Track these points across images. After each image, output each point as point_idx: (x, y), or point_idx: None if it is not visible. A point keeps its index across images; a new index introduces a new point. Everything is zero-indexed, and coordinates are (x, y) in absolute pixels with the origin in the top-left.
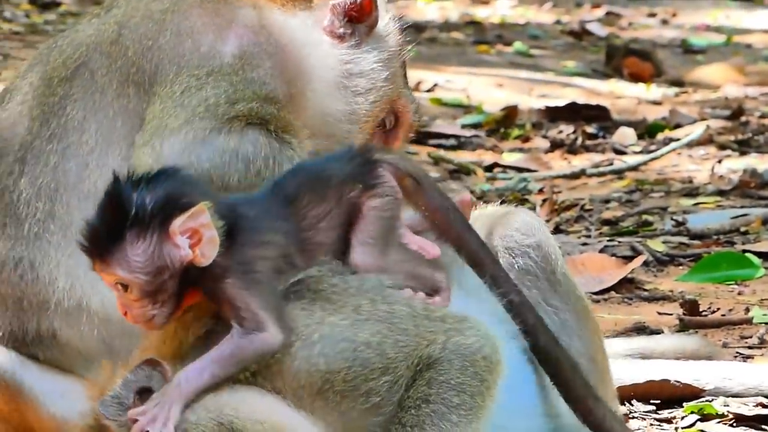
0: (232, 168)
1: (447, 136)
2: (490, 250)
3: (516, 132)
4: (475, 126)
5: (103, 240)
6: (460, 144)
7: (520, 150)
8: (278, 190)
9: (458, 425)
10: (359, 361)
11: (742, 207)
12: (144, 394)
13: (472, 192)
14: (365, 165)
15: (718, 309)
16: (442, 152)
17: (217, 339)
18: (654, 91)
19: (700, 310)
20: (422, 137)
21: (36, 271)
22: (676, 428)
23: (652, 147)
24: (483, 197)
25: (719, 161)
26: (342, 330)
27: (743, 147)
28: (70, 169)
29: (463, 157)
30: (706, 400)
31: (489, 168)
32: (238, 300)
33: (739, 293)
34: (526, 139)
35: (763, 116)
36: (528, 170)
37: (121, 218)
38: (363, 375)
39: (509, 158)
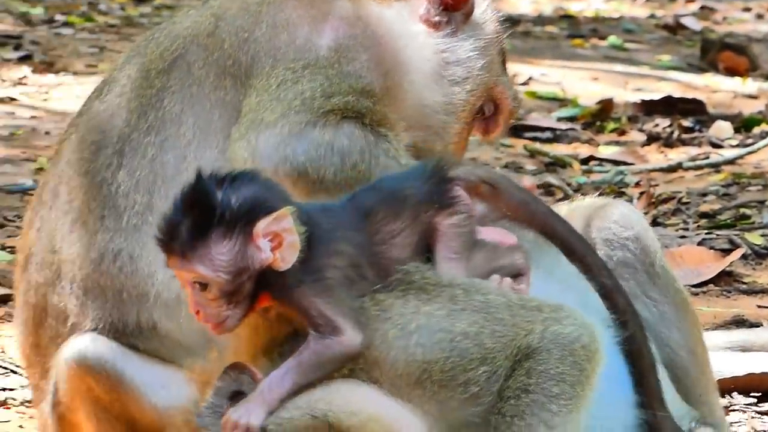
0: (328, 161)
1: (542, 129)
2: (579, 234)
3: (612, 125)
4: (571, 119)
5: (187, 236)
6: (556, 137)
7: (616, 143)
8: (356, 203)
9: (558, 415)
10: (457, 351)
11: None
12: (237, 397)
13: (568, 185)
14: (440, 184)
15: None
16: (537, 145)
17: (303, 339)
18: (750, 85)
19: None
20: (518, 130)
21: (135, 264)
22: None
23: (749, 141)
24: (579, 190)
25: None
26: (438, 320)
27: None
28: (168, 162)
29: (559, 150)
30: None
31: (585, 161)
32: (311, 307)
33: None
34: (622, 133)
35: None
36: (624, 163)
37: (207, 216)
38: (461, 365)
39: (605, 151)
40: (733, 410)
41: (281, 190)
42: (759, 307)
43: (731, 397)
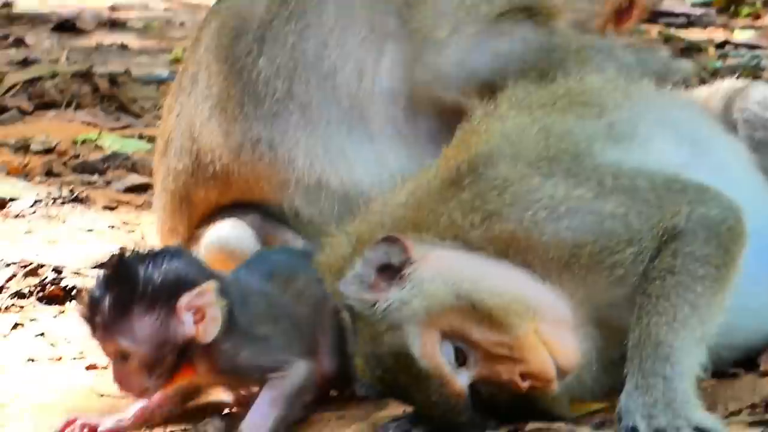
0: (510, 69)
1: (677, 15)
2: None
3: (746, 10)
4: (706, 4)
5: (109, 311)
6: (691, 22)
7: (751, 27)
8: (256, 269)
9: (703, 296)
10: (605, 233)
11: None
12: (384, 271)
13: (703, 69)
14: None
15: None
16: (672, 30)
17: None
18: None
19: None
20: (653, 16)
21: (275, 151)
22: None
23: None
24: (715, 74)
25: None
26: (588, 203)
27: None
28: (309, 49)
29: (694, 35)
30: None
31: (720, 45)
32: (249, 366)
33: None
34: (757, 17)
35: None
36: (759, 47)
37: (130, 291)
38: (609, 248)
39: (740, 36)
40: None
41: (204, 265)
42: None
43: None
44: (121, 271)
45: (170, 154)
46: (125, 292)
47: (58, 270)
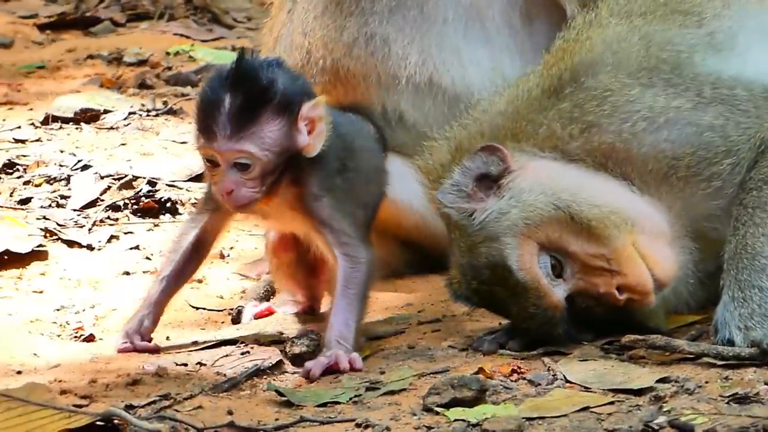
0: None
1: None
2: None
3: None
4: None
5: (238, 115)
6: None
7: None
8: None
9: None
10: (704, 144)
11: None
12: (482, 180)
13: None
14: None
15: None
16: None
17: None
18: None
19: None
20: None
21: (388, 47)
22: None
23: None
24: None
25: None
26: (687, 114)
27: None
28: None
29: None
30: None
31: None
32: (326, 216)
33: None
34: None
35: None
36: None
37: (260, 96)
38: (707, 159)
39: None
40: None
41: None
42: None
43: None
44: (246, 76)
45: (279, 49)
46: (255, 95)
47: (152, 182)
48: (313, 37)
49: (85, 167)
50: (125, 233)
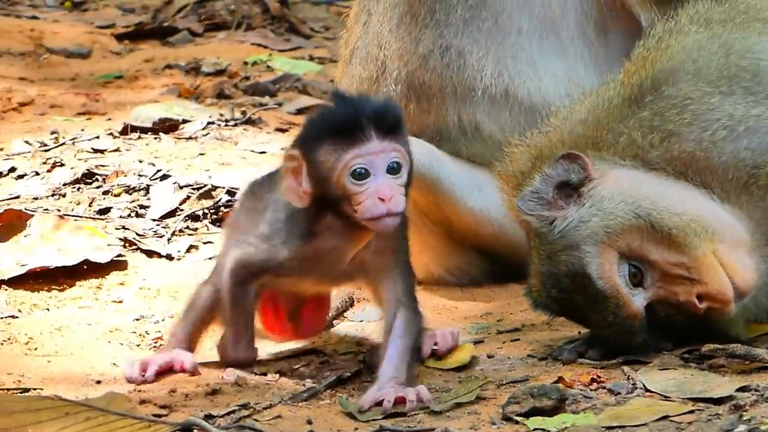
0: None
1: None
2: None
3: None
4: None
5: (393, 117)
6: None
7: None
8: None
9: None
10: None
11: None
12: (563, 188)
13: None
14: None
15: None
16: None
17: None
18: None
19: None
20: None
21: (464, 59)
22: None
23: None
24: None
25: None
26: (767, 122)
27: None
28: None
29: None
30: None
31: None
32: (405, 278)
33: None
34: None
35: None
36: None
37: (394, 106)
38: None
39: None
40: None
41: None
42: None
43: None
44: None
45: (354, 62)
46: (390, 104)
47: (231, 192)
48: (389, 49)
49: (164, 177)
50: (204, 243)
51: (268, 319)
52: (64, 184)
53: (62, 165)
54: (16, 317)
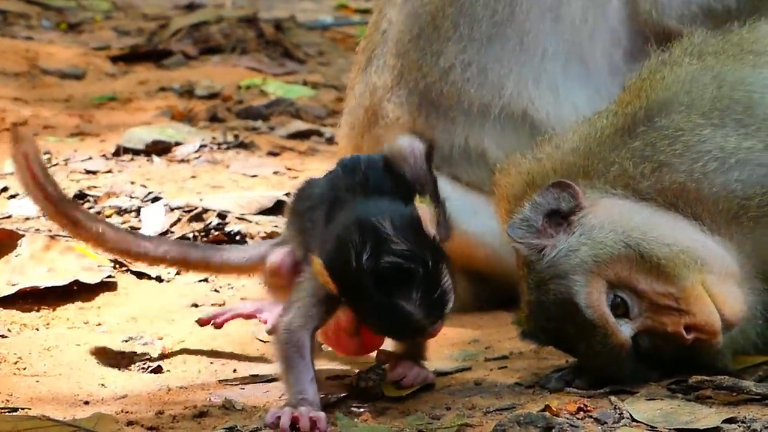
0: None
1: None
2: None
3: None
4: None
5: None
6: None
7: None
8: None
9: None
10: None
11: None
12: (552, 216)
13: None
14: None
15: None
16: None
17: None
18: None
19: None
20: None
21: (485, 75)
22: None
23: None
24: None
25: None
26: (758, 155)
27: None
28: None
29: None
30: None
31: None
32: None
33: None
34: None
35: None
36: None
37: None
38: None
39: None
40: None
41: None
42: None
43: None
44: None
45: (370, 69)
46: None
47: (222, 215)
48: (407, 59)
49: (156, 199)
50: None
51: (330, 336)
52: None
53: None
54: (6, 337)
